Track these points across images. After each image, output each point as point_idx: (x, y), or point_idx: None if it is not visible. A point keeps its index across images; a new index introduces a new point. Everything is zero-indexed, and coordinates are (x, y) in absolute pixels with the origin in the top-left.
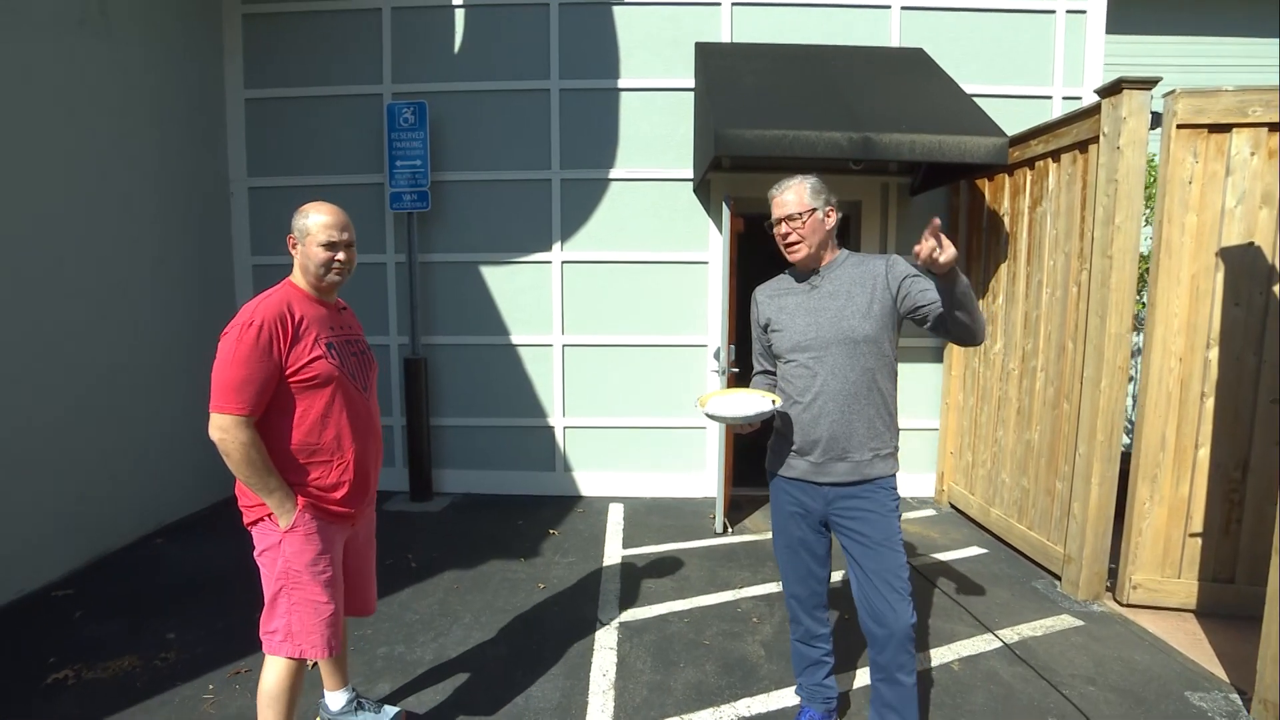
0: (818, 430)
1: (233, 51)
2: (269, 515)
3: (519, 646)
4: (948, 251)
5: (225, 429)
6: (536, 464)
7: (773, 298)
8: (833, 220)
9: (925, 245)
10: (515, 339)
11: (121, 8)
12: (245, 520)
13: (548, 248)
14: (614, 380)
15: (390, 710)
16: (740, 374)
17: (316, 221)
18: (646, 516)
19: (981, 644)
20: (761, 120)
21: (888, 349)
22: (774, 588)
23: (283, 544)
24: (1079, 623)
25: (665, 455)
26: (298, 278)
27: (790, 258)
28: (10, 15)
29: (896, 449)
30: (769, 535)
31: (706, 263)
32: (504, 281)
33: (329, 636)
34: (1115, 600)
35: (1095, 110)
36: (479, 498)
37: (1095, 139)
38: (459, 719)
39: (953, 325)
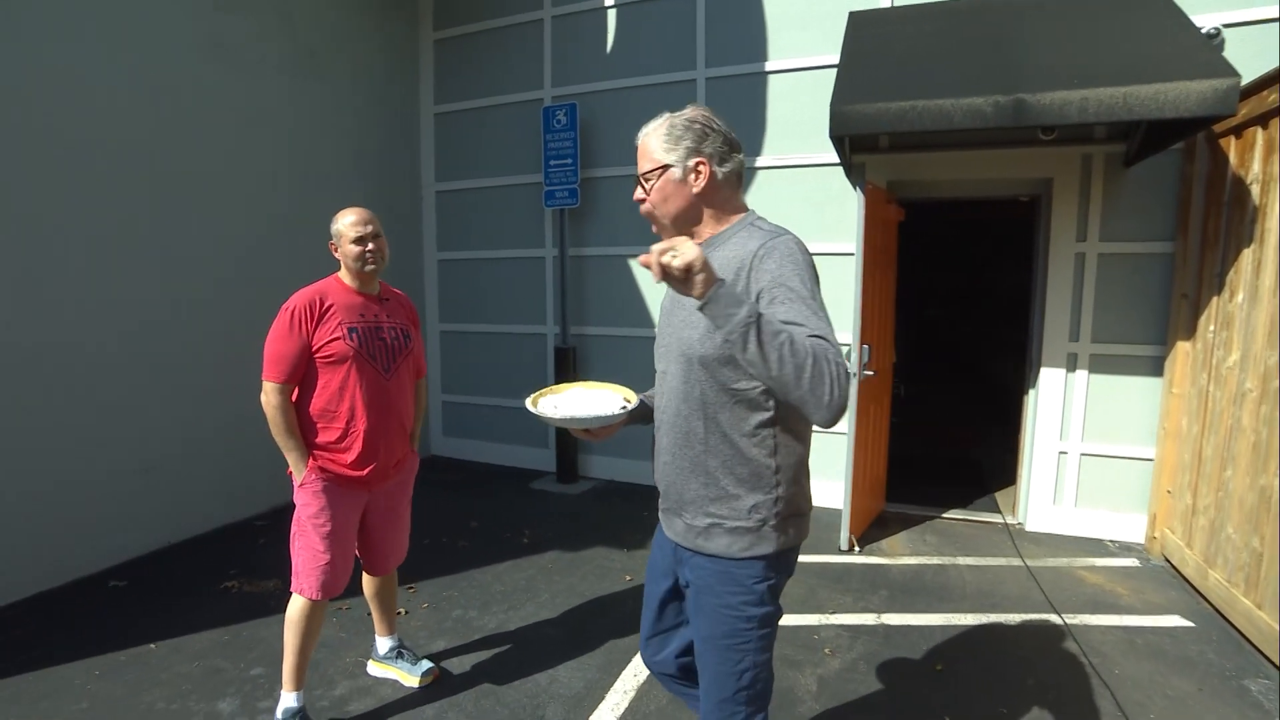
0: (657, 467)
1: (425, 73)
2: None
3: (574, 632)
4: (683, 254)
5: (266, 392)
6: None
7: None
8: (703, 179)
9: (653, 253)
10: None
11: (332, 51)
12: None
13: None
14: None
15: (426, 664)
16: (876, 379)
17: (345, 222)
18: None
19: None
20: (886, 92)
21: (746, 382)
22: (870, 619)
23: (297, 495)
24: None
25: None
26: (342, 272)
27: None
28: (241, 67)
29: (764, 523)
30: (903, 559)
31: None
32: (650, 274)
33: (324, 581)
34: None
35: None
36: (620, 485)
37: None
38: (482, 684)
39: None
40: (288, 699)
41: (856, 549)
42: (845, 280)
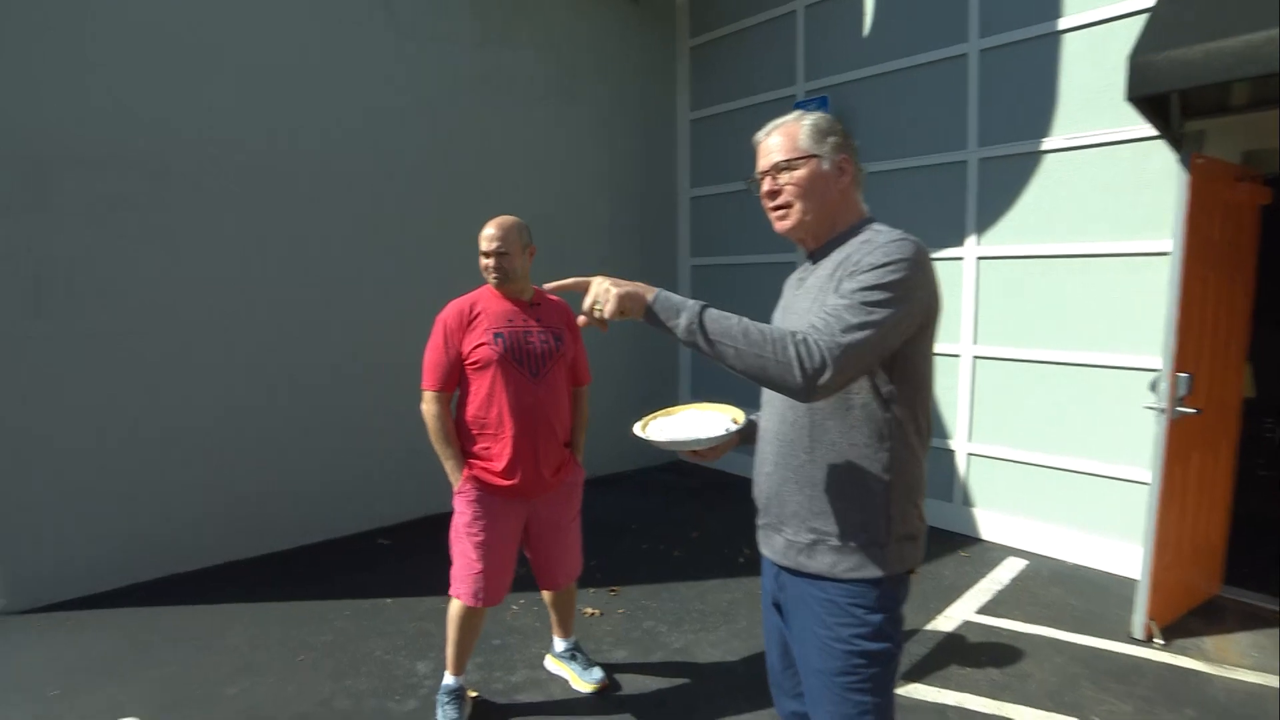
0: (758, 481)
1: (682, 81)
2: None
3: (759, 672)
4: (607, 303)
5: (424, 400)
6: (934, 490)
7: (786, 289)
8: (847, 176)
9: (584, 317)
10: None
11: (592, 69)
12: None
13: (959, 241)
14: (1035, 404)
15: (597, 672)
16: (1204, 418)
17: (481, 234)
18: (1044, 585)
19: None
20: (1220, 26)
21: (860, 389)
22: None
23: (454, 502)
24: None
25: (1097, 511)
26: None
27: (777, 227)
28: (507, 94)
29: (874, 543)
30: (1235, 672)
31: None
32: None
33: (476, 589)
34: None
35: None
36: None
37: None
38: (647, 707)
39: None
40: (448, 678)
41: (1156, 639)
42: (1159, 286)
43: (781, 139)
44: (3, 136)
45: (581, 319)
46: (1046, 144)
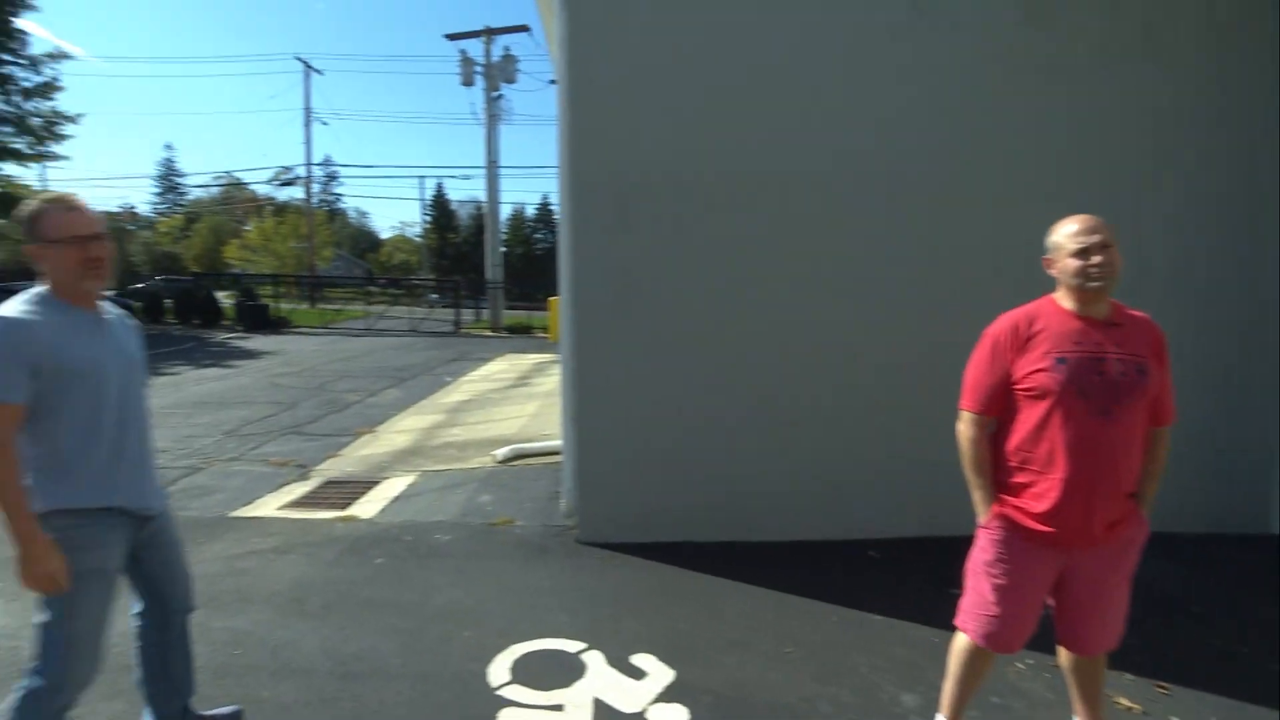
0: None
1: None
2: None
3: None
4: None
5: (960, 420)
6: None
7: None
8: None
9: None
10: None
11: (1152, 40)
12: None
13: None
14: None
15: None
16: None
17: (1065, 232)
18: None
19: None
20: None
21: None
22: None
23: (978, 535)
24: None
25: None
26: (1059, 293)
27: None
28: (1041, 81)
29: None
30: None
31: None
32: None
33: (987, 630)
34: None
35: None
36: None
37: None
38: None
39: None
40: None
41: None
42: None
43: None
44: (602, 174)
45: None
46: None
